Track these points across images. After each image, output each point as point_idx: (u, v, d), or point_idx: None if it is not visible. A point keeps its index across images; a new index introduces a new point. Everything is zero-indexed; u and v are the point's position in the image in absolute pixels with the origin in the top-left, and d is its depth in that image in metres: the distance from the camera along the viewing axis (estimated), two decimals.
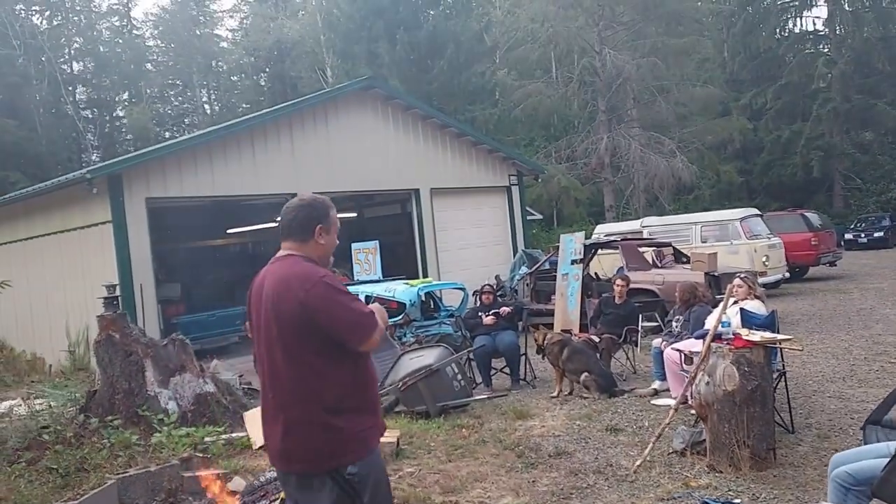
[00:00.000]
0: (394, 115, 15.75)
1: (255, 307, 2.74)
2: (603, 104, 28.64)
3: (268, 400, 2.69)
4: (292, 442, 2.60)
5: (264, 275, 2.76)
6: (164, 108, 46.40)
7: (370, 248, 12.36)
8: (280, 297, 2.60)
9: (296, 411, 2.59)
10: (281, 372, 2.61)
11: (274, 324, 2.61)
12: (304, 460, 2.59)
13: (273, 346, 2.63)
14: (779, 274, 14.84)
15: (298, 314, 2.55)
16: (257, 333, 2.74)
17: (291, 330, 2.58)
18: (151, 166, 12.10)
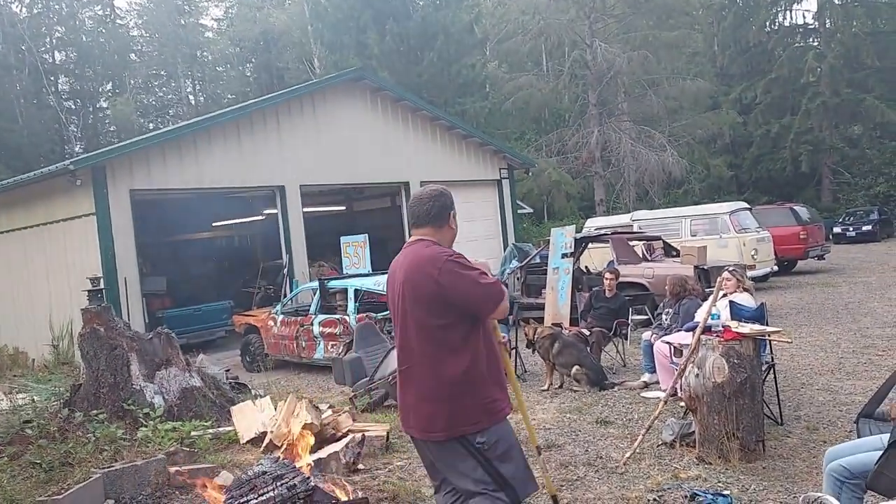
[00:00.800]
0: (383, 107, 15.65)
1: (391, 290, 3.06)
2: (594, 97, 28.63)
3: (402, 373, 3.01)
4: (425, 412, 2.89)
5: (398, 259, 3.07)
6: (149, 98, 45.97)
7: (360, 242, 12.28)
8: (416, 279, 2.88)
9: (427, 384, 2.88)
10: (414, 348, 2.91)
11: (410, 303, 2.89)
12: (436, 429, 2.86)
13: (407, 324, 2.93)
14: (767, 267, 14.90)
15: (435, 292, 2.82)
16: (394, 314, 3.05)
17: (427, 307, 2.85)
18: (136, 158, 11.96)
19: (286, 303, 11.66)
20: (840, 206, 31.06)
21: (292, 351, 10.72)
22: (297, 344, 10.60)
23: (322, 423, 5.64)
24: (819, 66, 31.79)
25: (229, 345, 13.26)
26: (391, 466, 5.33)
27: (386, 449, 5.71)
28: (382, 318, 9.45)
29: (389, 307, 3.12)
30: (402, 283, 2.93)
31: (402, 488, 4.72)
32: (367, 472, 5.20)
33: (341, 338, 9.77)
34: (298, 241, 13.98)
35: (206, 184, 12.86)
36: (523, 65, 32.11)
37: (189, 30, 44.38)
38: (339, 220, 18.91)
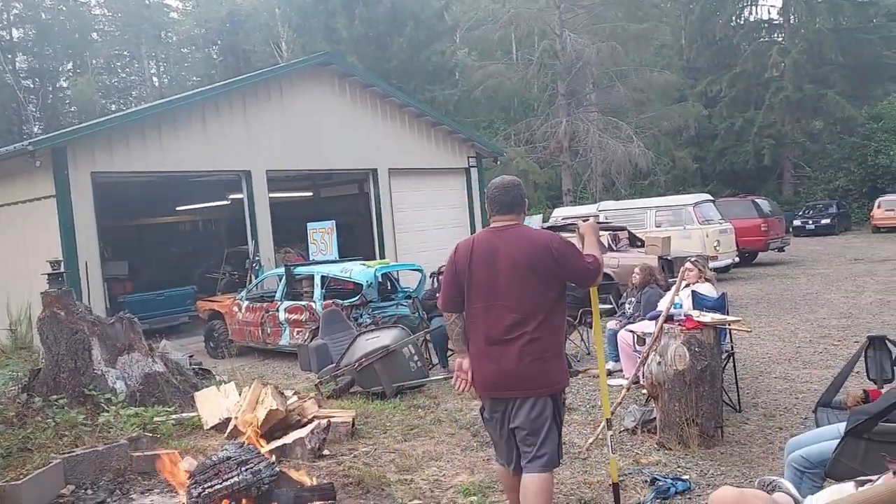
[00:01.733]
0: (352, 93, 15.52)
1: (486, 263, 3.41)
2: (562, 87, 28.75)
3: (497, 334, 3.38)
4: (529, 371, 3.35)
5: (487, 239, 3.47)
6: (111, 79, 44.86)
7: (327, 228, 12.21)
8: (535, 254, 3.34)
9: (535, 348, 3.34)
10: (526, 312, 3.35)
11: (528, 275, 3.34)
12: (538, 385, 3.37)
13: (522, 292, 3.35)
14: (729, 259, 15.20)
15: (550, 266, 3.34)
16: (492, 283, 3.39)
17: (541, 280, 3.34)
18: (97, 139, 11.70)
19: (251, 289, 11.55)
20: (800, 200, 31.76)
21: (257, 337, 10.64)
22: (262, 330, 10.52)
23: (287, 410, 5.62)
24: (783, 62, 32.37)
25: (193, 330, 13.11)
26: (356, 452, 5.35)
27: (351, 435, 5.72)
28: (349, 305, 9.44)
29: (477, 279, 3.43)
30: (514, 258, 3.35)
31: (368, 473, 4.74)
32: (333, 458, 5.20)
33: (307, 324, 9.73)
34: (264, 227, 13.84)
35: (169, 167, 12.63)
36: (493, 53, 32.08)
37: (153, 10, 43.42)
38: (306, 207, 18.75)
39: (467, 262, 3.48)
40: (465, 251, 3.51)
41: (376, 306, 9.67)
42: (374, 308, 9.59)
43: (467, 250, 3.50)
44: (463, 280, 3.49)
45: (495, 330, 3.39)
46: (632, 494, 4.25)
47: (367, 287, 9.62)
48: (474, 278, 3.45)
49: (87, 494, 4.63)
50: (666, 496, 4.14)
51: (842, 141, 32.44)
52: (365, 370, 7.16)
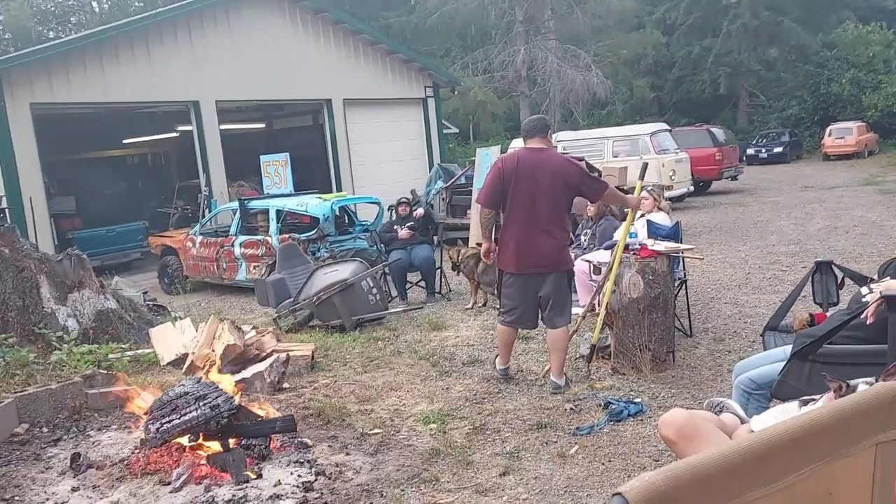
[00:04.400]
0: (303, 20, 14.98)
1: (530, 176, 4.60)
2: (520, 14, 28.16)
3: (532, 230, 4.64)
4: (557, 254, 4.75)
5: (529, 156, 4.69)
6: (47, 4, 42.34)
7: (280, 161, 11.93)
8: (566, 172, 4.69)
9: (555, 236, 4.70)
10: (556, 213, 4.69)
11: (561, 186, 4.64)
12: (561, 263, 4.81)
13: (554, 198, 4.65)
14: (684, 188, 15.41)
15: (576, 182, 4.69)
16: (534, 190, 4.60)
17: (568, 191, 4.70)
18: (35, 68, 11.13)
19: (205, 223, 11.33)
20: (755, 129, 32.18)
21: (213, 273, 10.51)
22: (217, 265, 10.38)
23: (245, 344, 5.59)
24: None
25: (146, 267, 12.88)
26: (316, 385, 5.37)
27: (311, 368, 5.74)
28: (306, 239, 9.34)
29: (522, 186, 4.59)
30: (552, 173, 4.60)
31: (328, 405, 4.77)
32: (293, 391, 5.22)
33: (264, 259, 9.62)
34: (216, 160, 13.49)
35: (113, 98, 12.14)
36: None
37: None
38: (259, 139, 18.30)
39: (514, 171, 4.61)
40: (511, 163, 4.68)
41: (334, 240, 9.60)
42: (331, 242, 9.52)
43: (513, 162, 4.68)
44: (508, 185, 4.62)
45: (535, 224, 4.62)
46: (586, 418, 4.37)
47: (324, 221, 9.51)
48: (520, 185, 4.59)
49: (43, 433, 4.58)
50: (619, 419, 4.27)
51: (796, 69, 32.74)
52: (323, 304, 7.14)
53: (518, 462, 3.82)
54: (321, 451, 4.07)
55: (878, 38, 32.01)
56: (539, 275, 4.74)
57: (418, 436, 4.26)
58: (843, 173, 20.93)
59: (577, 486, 3.52)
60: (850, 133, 26.64)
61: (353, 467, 3.85)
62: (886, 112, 29.69)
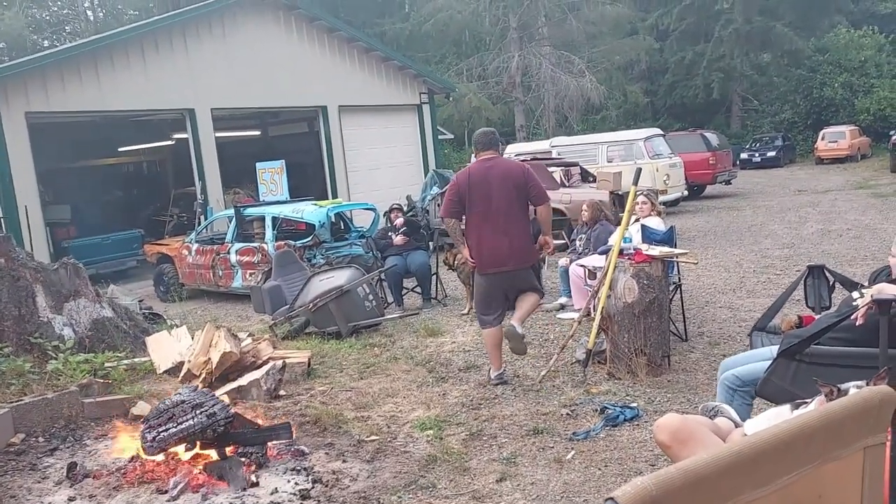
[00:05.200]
0: (298, 28, 15.01)
1: (482, 183, 5.02)
2: (514, 21, 28.26)
3: (494, 233, 5.01)
4: (518, 253, 5.07)
5: (481, 167, 5.12)
6: (41, 13, 42.30)
7: (276, 168, 11.94)
8: (513, 175, 5.07)
9: (518, 237, 5.07)
10: (511, 214, 5.02)
11: (506, 189, 4.99)
12: (523, 260, 5.12)
13: (507, 200, 5.00)
14: (678, 192, 15.47)
15: (523, 183, 5.04)
16: (487, 196, 5.00)
17: (518, 192, 5.03)
18: (30, 77, 11.13)
19: (200, 231, 11.33)
20: (748, 133, 32.30)
21: (209, 280, 10.50)
22: (213, 273, 10.38)
23: (242, 352, 5.60)
24: None
25: (142, 275, 12.86)
26: (313, 392, 5.38)
27: (307, 375, 5.74)
28: (302, 246, 9.35)
29: (476, 194, 5.01)
30: (500, 178, 5.01)
31: (325, 412, 4.78)
32: (289, 398, 5.23)
33: (260, 266, 9.62)
34: (212, 168, 13.49)
35: (109, 107, 12.13)
36: None
37: None
38: (255, 146, 18.29)
39: (467, 183, 5.06)
40: (464, 176, 5.15)
41: (329, 246, 9.61)
42: (327, 248, 9.53)
43: (466, 175, 5.14)
44: (465, 195, 5.05)
45: (494, 226, 5.00)
46: (583, 423, 4.39)
47: (320, 227, 9.53)
48: (474, 193, 5.02)
49: (39, 442, 4.57)
50: (615, 423, 4.29)
51: (789, 73, 32.89)
52: (320, 310, 7.15)
53: (515, 468, 3.84)
54: (318, 458, 4.08)
55: (869, 42, 32.21)
56: (504, 273, 5.09)
57: (415, 442, 4.27)
58: (836, 177, 21.03)
59: (574, 491, 3.54)
60: (842, 137, 26.76)
61: (349, 474, 3.87)
62: (879, 116, 29.85)
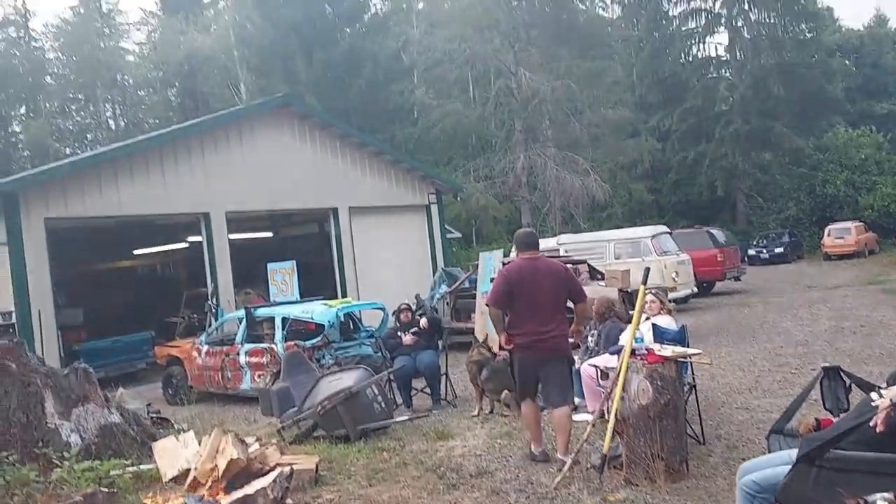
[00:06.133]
0: (311, 134, 15.56)
1: (530, 279, 5.57)
2: (519, 124, 29.22)
3: (538, 324, 5.55)
4: (557, 343, 5.61)
5: (528, 264, 5.68)
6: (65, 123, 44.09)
7: (287, 269, 12.10)
8: (558, 274, 5.75)
9: (558, 328, 5.60)
10: (555, 308, 5.63)
11: (555, 286, 5.62)
12: (562, 349, 5.69)
13: (552, 296, 5.60)
14: (688, 289, 15.46)
15: (566, 282, 5.75)
16: (534, 291, 5.55)
17: (561, 289, 5.67)
18: (51, 184, 11.50)
19: (211, 332, 11.34)
20: (754, 229, 32.59)
21: (217, 382, 10.42)
22: (222, 375, 10.31)
23: (248, 458, 5.48)
24: (731, 96, 33.50)
25: (151, 377, 12.78)
26: (320, 500, 5.24)
27: (315, 482, 5.60)
28: (311, 346, 9.32)
29: (524, 289, 5.55)
30: (546, 276, 5.61)
31: None
32: None
33: (269, 367, 9.57)
34: (224, 269, 13.67)
35: (126, 211, 12.45)
36: (451, 92, 32.54)
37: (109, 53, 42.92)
38: (267, 247, 18.56)
39: (517, 278, 5.62)
40: (515, 270, 5.76)
41: (338, 346, 9.58)
42: (336, 348, 9.50)
43: (517, 269, 5.73)
44: (514, 288, 5.58)
45: (539, 318, 5.54)
46: None
47: (329, 327, 9.54)
48: (523, 288, 5.56)
49: None
50: None
51: (791, 171, 33.51)
52: (328, 413, 7.04)
53: None
54: None
55: (868, 141, 32.99)
56: (544, 359, 5.61)
57: None
58: (845, 273, 21.02)
59: None
60: (848, 233, 26.96)
61: None
62: (883, 212, 30.16)
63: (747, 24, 34.31)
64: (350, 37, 31.93)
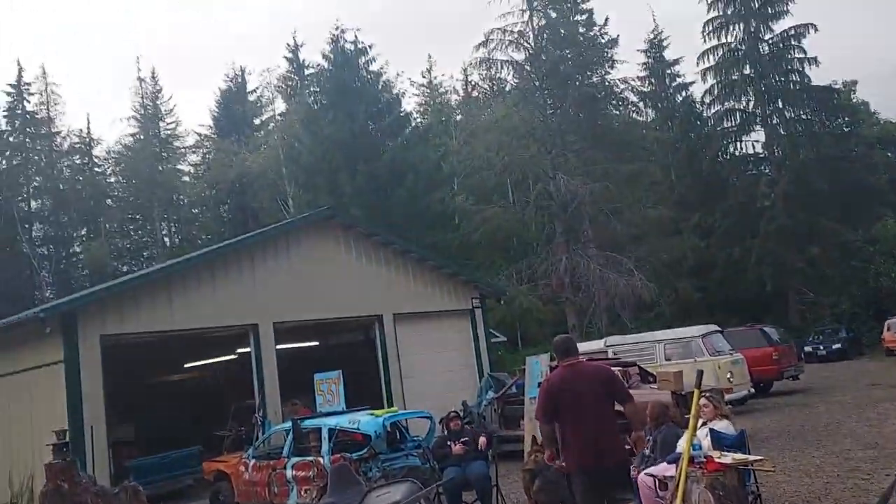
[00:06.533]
0: (355, 243, 15.95)
1: (572, 388, 5.44)
2: (560, 226, 29.50)
3: (584, 434, 5.37)
4: (610, 448, 5.39)
5: (569, 371, 5.57)
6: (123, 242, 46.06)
7: (333, 379, 12.08)
8: (600, 377, 5.67)
9: (606, 435, 5.40)
10: (602, 414, 5.42)
11: (599, 390, 5.47)
12: (617, 457, 5.45)
13: (597, 401, 5.42)
14: (744, 390, 14.89)
15: (609, 383, 5.64)
16: (578, 399, 5.40)
17: (606, 392, 5.52)
18: (107, 302, 11.92)
19: (258, 446, 11.27)
20: (807, 325, 31.52)
21: (264, 498, 10.23)
22: (269, 490, 10.13)
23: None
24: (772, 192, 33.31)
25: (199, 494, 12.64)
26: None
27: None
28: (358, 458, 9.17)
29: (567, 398, 5.42)
30: (588, 380, 5.50)
31: None
32: None
33: (315, 481, 9.39)
34: (271, 380, 13.75)
35: (178, 325, 12.76)
36: (490, 197, 33.19)
37: (166, 175, 45.24)
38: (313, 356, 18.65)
39: (558, 388, 5.51)
40: (555, 382, 5.60)
41: (386, 458, 9.39)
42: (383, 460, 9.31)
43: (558, 380, 5.61)
44: (557, 400, 5.47)
45: (587, 424, 5.37)
46: None
47: (376, 438, 9.39)
48: (566, 398, 5.43)
49: None
50: None
51: (841, 265, 32.69)
52: None
53: None
54: None
55: None
56: (601, 469, 5.35)
57: None
58: None
59: None
60: None
61: None
62: None
63: (783, 122, 34.60)
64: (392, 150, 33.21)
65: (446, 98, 48.12)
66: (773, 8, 34.21)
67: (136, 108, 46.45)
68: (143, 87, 46.71)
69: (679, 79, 40.65)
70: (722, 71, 34.97)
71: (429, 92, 47.86)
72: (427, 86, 47.86)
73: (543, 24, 31.54)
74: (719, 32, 35.14)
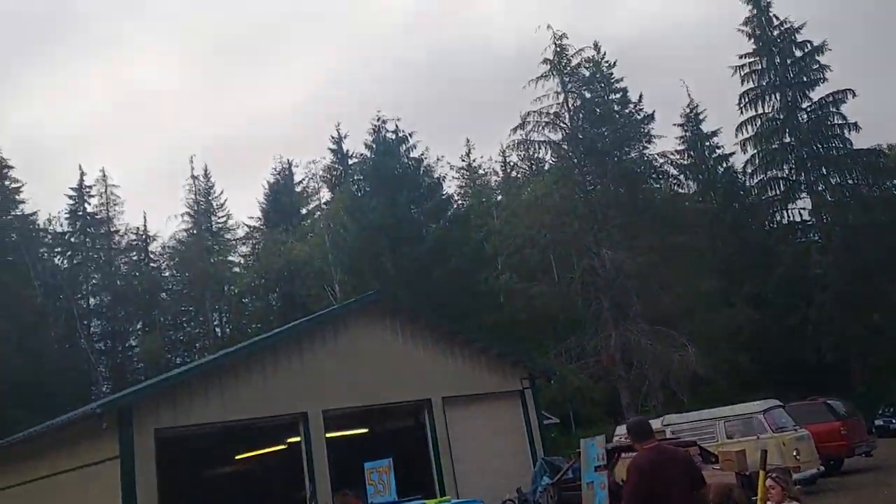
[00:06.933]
0: (402, 327, 16.00)
1: (662, 471, 5.39)
2: (606, 301, 29.08)
3: None
4: None
5: (656, 455, 5.53)
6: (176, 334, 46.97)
7: (384, 467, 11.91)
8: (685, 461, 5.73)
9: None
10: (688, 498, 5.39)
11: (684, 473, 5.48)
12: None
13: (684, 485, 5.39)
14: (813, 468, 14.13)
15: (691, 467, 5.70)
16: (669, 483, 5.34)
17: (690, 476, 5.51)
18: (161, 395, 12.11)
19: None
20: (874, 396, 29.98)
21: None
22: None
23: None
24: (823, 259, 32.42)
25: None
26: None
27: None
28: None
29: (659, 483, 5.34)
30: (676, 464, 5.50)
31: None
32: None
33: None
34: (322, 469, 13.61)
35: (229, 416, 12.84)
36: (534, 275, 33.05)
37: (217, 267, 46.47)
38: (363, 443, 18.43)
39: (650, 474, 5.40)
40: (646, 468, 5.45)
41: None
42: None
43: (647, 464, 5.47)
44: (654, 485, 5.34)
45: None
46: None
47: None
48: (658, 482, 5.36)
49: None
50: None
51: None
52: None
53: None
54: None
55: None
56: None
57: None
58: None
59: None
60: None
61: None
62: None
63: (828, 188, 34.06)
64: (434, 231, 33.70)
65: (486, 179, 48.91)
66: (808, 77, 34.33)
67: (189, 205, 48.26)
68: (196, 184, 48.68)
69: (718, 150, 40.52)
70: (762, 140, 34.91)
71: (468, 174, 48.73)
72: (466, 168, 48.80)
73: (579, 104, 32.12)
74: (756, 103, 35.27)
